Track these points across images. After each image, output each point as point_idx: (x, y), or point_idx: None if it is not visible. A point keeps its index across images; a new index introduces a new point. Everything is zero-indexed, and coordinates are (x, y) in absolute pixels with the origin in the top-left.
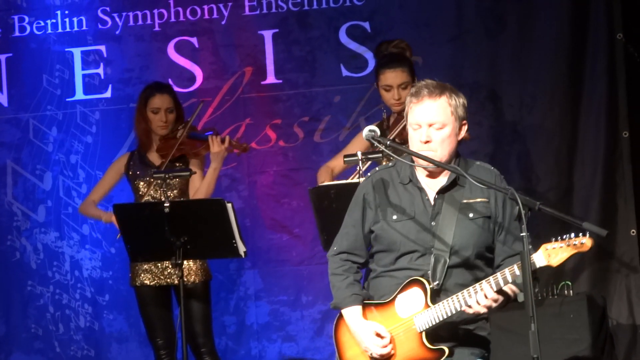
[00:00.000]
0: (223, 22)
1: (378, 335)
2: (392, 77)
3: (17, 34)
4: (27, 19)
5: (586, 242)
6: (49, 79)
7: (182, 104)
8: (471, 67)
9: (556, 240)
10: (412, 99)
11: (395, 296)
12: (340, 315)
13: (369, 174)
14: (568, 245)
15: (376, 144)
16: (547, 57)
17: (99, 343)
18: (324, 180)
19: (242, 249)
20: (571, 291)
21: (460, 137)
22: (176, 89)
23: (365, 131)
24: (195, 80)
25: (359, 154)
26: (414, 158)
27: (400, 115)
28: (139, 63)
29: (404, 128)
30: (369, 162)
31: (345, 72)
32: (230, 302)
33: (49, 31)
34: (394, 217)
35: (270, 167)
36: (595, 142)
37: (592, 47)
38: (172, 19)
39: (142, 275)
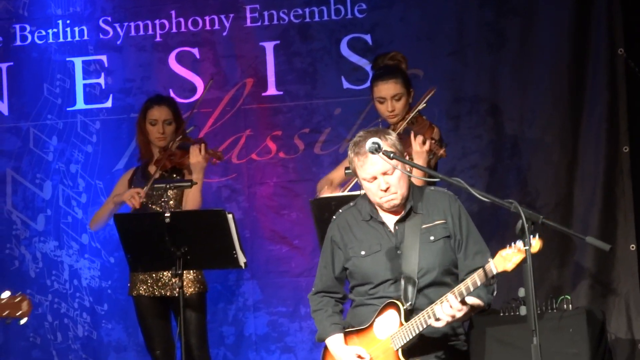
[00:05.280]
0: (224, 33)
1: (359, 357)
2: (385, 89)
3: (18, 43)
4: (28, 28)
5: (535, 244)
6: (50, 88)
7: (183, 115)
8: (472, 80)
9: (509, 246)
10: (356, 156)
11: (373, 320)
12: (326, 347)
13: (334, 217)
14: (519, 250)
15: (380, 156)
16: (547, 72)
17: (97, 352)
18: (325, 191)
19: (242, 259)
20: (570, 305)
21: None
22: (177, 99)
23: (369, 144)
24: (196, 91)
25: None
26: (413, 170)
27: (396, 127)
28: (140, 73)
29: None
30: None
31: (346, 85)
32: (229, 313)
33: (50, 40)
34: (362, 252)
35: (270, 178)
36: (595, 157)
37: (593, 61)
38: (174, 30)
39: (139, 285)
